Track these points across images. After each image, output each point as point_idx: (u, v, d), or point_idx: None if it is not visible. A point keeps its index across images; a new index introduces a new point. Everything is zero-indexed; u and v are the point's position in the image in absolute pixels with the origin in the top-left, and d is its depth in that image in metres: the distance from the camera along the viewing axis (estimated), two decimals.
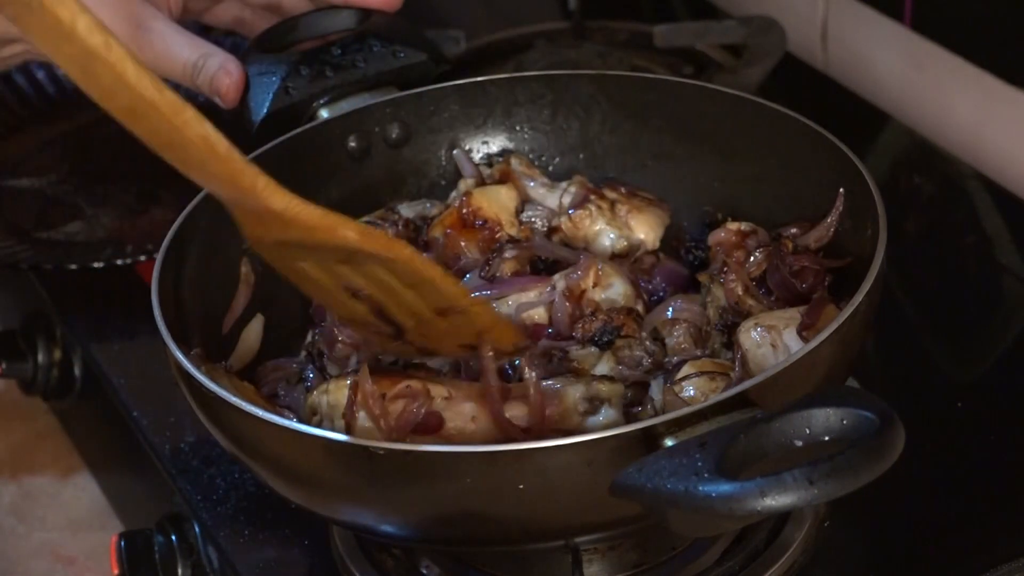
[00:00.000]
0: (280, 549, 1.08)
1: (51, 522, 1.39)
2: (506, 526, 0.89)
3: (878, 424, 0.77)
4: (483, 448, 0.85)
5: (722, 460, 0.77)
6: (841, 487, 0.75)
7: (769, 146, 1.10)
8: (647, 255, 1.12)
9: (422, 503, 0.88)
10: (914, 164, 1.44)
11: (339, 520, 0.98)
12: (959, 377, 1.19)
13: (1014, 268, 1.29)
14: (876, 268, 0.93)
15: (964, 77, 1.43)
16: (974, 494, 1.08)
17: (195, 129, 0.81)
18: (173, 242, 1.02)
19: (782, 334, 0.97)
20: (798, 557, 1.02)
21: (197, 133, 0.81)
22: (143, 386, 1.23)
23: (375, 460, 0.85)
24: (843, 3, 1.56)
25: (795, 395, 0.80)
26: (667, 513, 0.78)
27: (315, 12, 1.22)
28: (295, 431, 0.87)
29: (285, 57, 1.18)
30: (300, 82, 1.16)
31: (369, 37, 1.19)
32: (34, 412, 1.48)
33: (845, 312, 0.89)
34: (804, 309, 0.98)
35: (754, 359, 0.97)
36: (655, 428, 0.82)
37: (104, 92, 0.79)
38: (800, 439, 0.79)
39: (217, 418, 0.93)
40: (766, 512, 0.74)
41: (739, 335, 0.98)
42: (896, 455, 0.77)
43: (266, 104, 1.16)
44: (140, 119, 0.80)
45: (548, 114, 1.20)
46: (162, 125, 0.80)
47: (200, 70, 1.15)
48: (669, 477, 0.78)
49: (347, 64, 1.18)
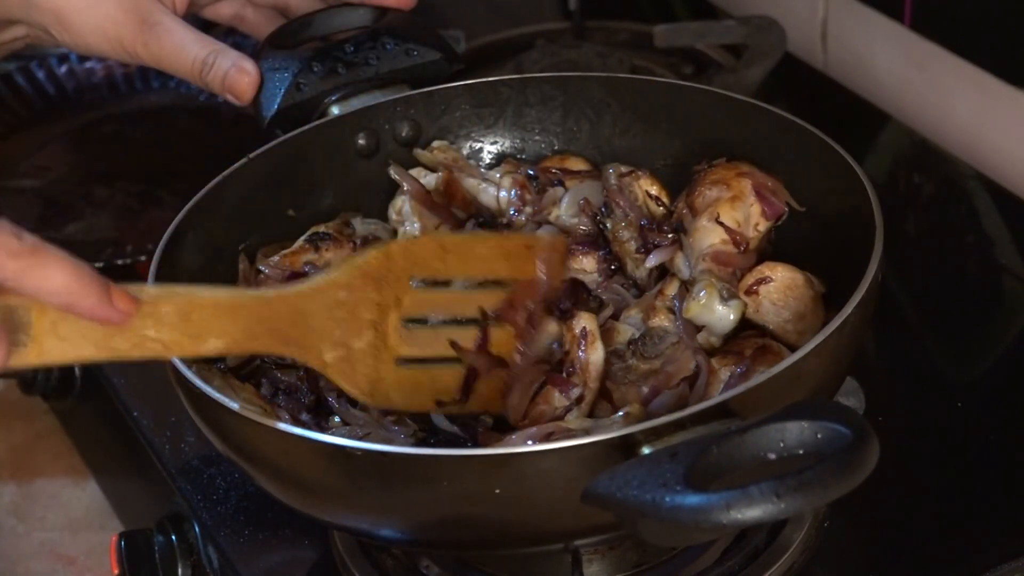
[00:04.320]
0: (280, 549, 1.08)
1: (51, 522, 1.39)
2: (488, 530, 0.89)
3: (851, 439, 0.76)
4: (458, 452, 0.86)
5: (692, 472, 0.77)
6: (808, 502, 0.74)
7: (775, 152, 1.09)
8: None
9: (403, 506, 0.88)
10: (914, 164, 1.44)
11: (327, 521, 0.98)
12: (959, 377, 1.19)
13: (1014, 268, 1.29)
14: (869, 278, 0.92)
15: (964, 77, 1.43)
16: (974, 494, 1.07)
17: (209, 347, 0.88)
18: (170, 241, 1.02)
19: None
20: (798, 557, 1.02)
21: (211, 349, 0.88)
22: (143, 386, 1.23)
23: (353, 460, 0.85)
24: (843, 3, 1.56)
25: (781, 406, 0.80)
26: (637, 523, 0.78)
27: (330, 9, 1.22)
28: (279, 431, 0.87)
29: (298, 54, 1.18)
30: (312, 79, 1.16)
31: (383, 35, 1.19)
32: (34, 412, 1.48)
33: (834, 323, 0.88)
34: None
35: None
36: (633, 436, 0.82)
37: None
38: (774, 452, 0.78)
39: (208, 419, 0.93)
40: (732, 525, 0.74)
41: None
42: (867, 471, 0.75)
43: (277, 100, 1.16)
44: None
45: (559, 116, 1.20)
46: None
47: (211, 68, 1.15)
48: (638, 487, 0.77)
49: (359, 62, 1.18)
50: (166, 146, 1.51)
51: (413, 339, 0.97)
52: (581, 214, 1.13)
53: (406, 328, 0.97)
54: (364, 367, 0.95)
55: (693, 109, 1.15)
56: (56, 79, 1.56)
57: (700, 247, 1.05)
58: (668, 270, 1.09)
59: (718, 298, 1.01)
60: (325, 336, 0.93)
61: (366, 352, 0.95)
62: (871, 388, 1.13)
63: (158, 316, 0.85)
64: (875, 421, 1.05)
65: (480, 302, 1.00)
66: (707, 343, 1.02)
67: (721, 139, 1.13)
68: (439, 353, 0.99)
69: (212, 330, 0.87)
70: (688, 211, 1.08)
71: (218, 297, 0.88)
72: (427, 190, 1.14)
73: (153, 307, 0.85)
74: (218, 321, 0.87)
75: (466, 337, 1.00)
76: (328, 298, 0.92)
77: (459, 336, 0.99)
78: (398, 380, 0.97)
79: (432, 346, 0.99)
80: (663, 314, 1.04)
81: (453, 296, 1.00)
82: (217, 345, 0.88)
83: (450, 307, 0.99)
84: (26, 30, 1.20)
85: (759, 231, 1.06)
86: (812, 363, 0.87)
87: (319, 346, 0.92)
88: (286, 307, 0.90)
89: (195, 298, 0.87)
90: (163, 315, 0.85)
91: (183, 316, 0.86)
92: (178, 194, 1.09)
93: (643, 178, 1.13)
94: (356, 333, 0.94)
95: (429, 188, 1.14)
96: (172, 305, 0.86)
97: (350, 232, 1.13)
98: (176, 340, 0.86)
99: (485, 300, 1.00)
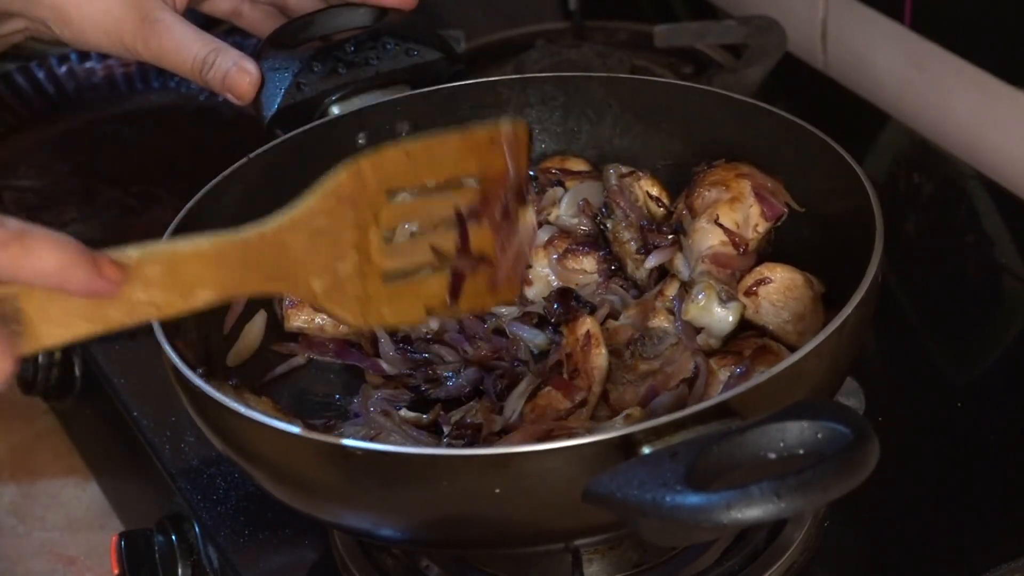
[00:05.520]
0: (280, 549, 1.08)
1: (51, 522, 1.39)
2: (488, 530, 0.89)
3: (851, 439, 0.76)
4: (458, 452, 0.86)
5: (692, 471, 0.77)
6: (808, 502, 0.74)
7: (775, 152, 1.09)
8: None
9: (403, 506, 0.88)
10: (914, 164, 1.44)
11: (327, 521, 0.98)
12: (959, 377, 1.19)
13: (1014, 268, 1.29)
14: (869, 278, 0.92)
15: (964, 77, 1.43)
16: (974, 494, 1.07)
17: (200, 299, 0.87)
18: None
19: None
20: (798, 557, 1.02)
21: (202, 300, 0.87)
22: (143, 386, 1.23)
23: (353, 460, 0.85)
24: (843, 3, 1.56)
25: (781, 405, 0.80)
26: (638, 522, 0.78)
27: (330, 9, 1.22)
28: (279, 431, 0.87)
29: (298, 53, 1.18)
30: (312, 78, 1.16)
31: (383, 35, 1.19)
32: (34, 412, 1.48)
33: (834, 323, 0.88)
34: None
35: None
36: (633, 436, 0.82)
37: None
38: (774, 452, 0.78)
39: (208, 419, 0.93)
40: (733, 525, 0.74)
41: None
42: (867, 471, 0.76)
43: (278, 100, 1.16)
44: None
45: (559, 116, 1.20)
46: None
47: (211, 66, 1.15)
48: (639, 487, 0.77)
49: (360, 62, 1.18)
50: (166, 146, 1.51)
51: (395, 252, 0.97)
52: (581, 214, 1.13)
53: (387, 243, 0.97)
54: (353, 288, 0.94)
55: (693, 109, 1.15)
56: (56, 79, 1.56)
57: (699, 248, 1.05)
58: (668, 271, 1.09)
59: (717, 300, 1.01)
60: (311, 265, 0.92)
61: (352, 274, 0.94)
62: (871, 388, 1.13)
63: (145, 278, 0.84)
64: (875, 421, 1.06)
65: (455, 202, 0.99)
66: (706, 344, 1.02)
67: (721, 139, 1.13)
68: (422, 261, 0.98)
69: (200, 281, 0.86)
70: (687, 212, 1.08)
71: (200, 247, 0.87)
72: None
73: (139, 270, 0.84)
74: (204, 271, 0.86)
75: (447, 241, 0.99)
76: (308, 227, 0.92)
77: (440, 241, 0.99)
78: (387, 296, 0.96)
79: (415, 256, 0.98)
80: (663, 315, 1.04)
81: (428, 201, 0.99)
82: (207, 296, 0.87)
83: (426, 212, 0.99)
84: (25, 24, 1.20)
85: (758, 232, 1.06)
86: (812, 363, 0.87)
87: (306, 276, 0.92)
88: (268, 245, 0.90)
89: (177, 253, 0.86)
90: (149, 276, 0.84)
91: (169, 273, 0.85)
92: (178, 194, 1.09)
93: (644, 179, 1.13)
94: (340, 257, 0.94)
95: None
96: (157, 264, 0.85)
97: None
98: (167, 299, 0.85)
99: (459, 199, 0.99)
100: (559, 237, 1.12)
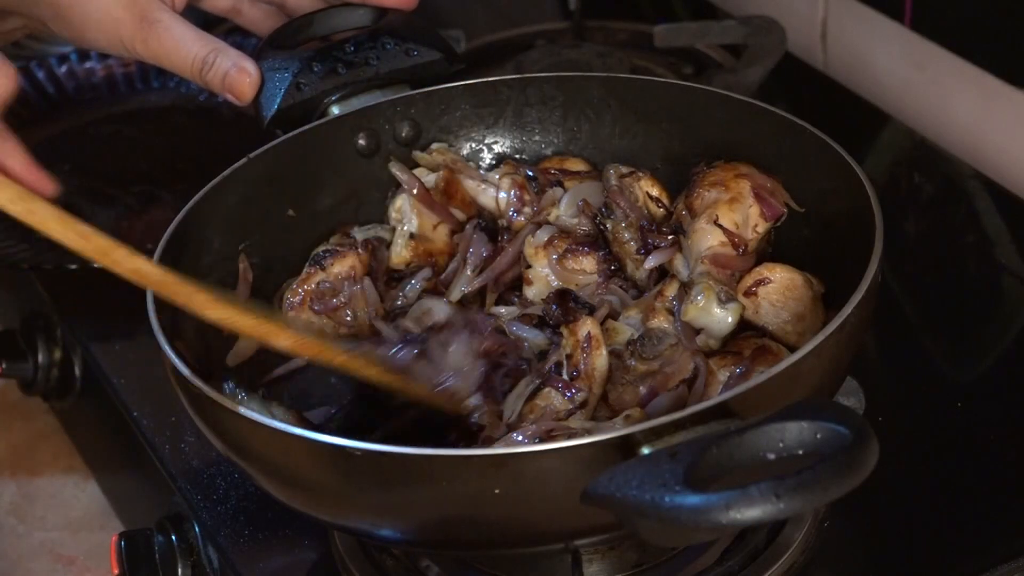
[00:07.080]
0: (280, 549, 1.08)
1: (51, 522, 1.39)
2: (487, 530, 0.89)
3: (851, 439, 0.76)
4: (458, 452, 0.86)
5: (691, 472, 0.77)
6: (808, 502, 0.74)
7: (775, 152, 1.09)
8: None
9: (403, 506, 0.88)
10: (914, 164, 1.44)
11: (327, 521, 0.98)
12: (959, 377, 1.19)
13: (1014, 268, 1.29)
14: (869, 278, 0.92)
15: (964, 77, 1.43)
16: (974, 494, 1.07)
17: (125, 265, 0.93)
18: (170, 241, 1.02)
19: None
20: (798, 557, 1.02)
21: (127, 268, 0.93)
22: (143, 386, 1.23)
23: (353, 460, 0.85)
24: (843, 3, 1.56)
25: (780, 406, 0.80)
26: (637, 523, 0.78)
27: (330, 9, 1.22)
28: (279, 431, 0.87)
29: (298, 54, 1.18)
30: (312, 79, 1.16)
31: (383, 35, 1.19)
32: (34, 412, 1.48)
33: (834, 323, 0.88)
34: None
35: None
36: (632, 436, 0.82)
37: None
38: (773, 452, 0.78)
39: (208, 419, 0.93)
40: (732, 525, 0.74)
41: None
42: (867, 471, 0.75)
43: (277, 100, 1.16)
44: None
45: (559, 116, 1.20)
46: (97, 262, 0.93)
47: (211, 67, 1.15)
48: (637, 487, 0.77)
49: (360, 62, 1.18)
50: (166, 146, 1.51)
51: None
52: (581, 215, 1.13)
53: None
54: None
55: (693, 109, 1.15)
56: (56, 79, 1.56)
57: (699, 249, 1.05)
58: (668, 271, 1.09)
59: (716, 301, 1.01)
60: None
61: None
62: (871, 388, 1.13)
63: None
64: (875, 421, 1.06)
65: None
66: (705, 345, 1.02)
67: (721, 139, 1.13)
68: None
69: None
70: (687, 212, 1.08)
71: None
72: (427, 188, 1.14)
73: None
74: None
75: None
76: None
77: None
78: None
79: None
80: (662, 315, 1.04)
81: None
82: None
83: None
84: (24, 21, 1.20)
85: (758, 232, 1.06)
86: (812, 363, 0.87)
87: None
88: None
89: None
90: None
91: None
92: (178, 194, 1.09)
93: (644, 179, 1.13)
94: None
95: (429, 187, 1.15)
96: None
97: (351, 241, 1.13)
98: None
99: None
100: (559, 237, 1.12)
